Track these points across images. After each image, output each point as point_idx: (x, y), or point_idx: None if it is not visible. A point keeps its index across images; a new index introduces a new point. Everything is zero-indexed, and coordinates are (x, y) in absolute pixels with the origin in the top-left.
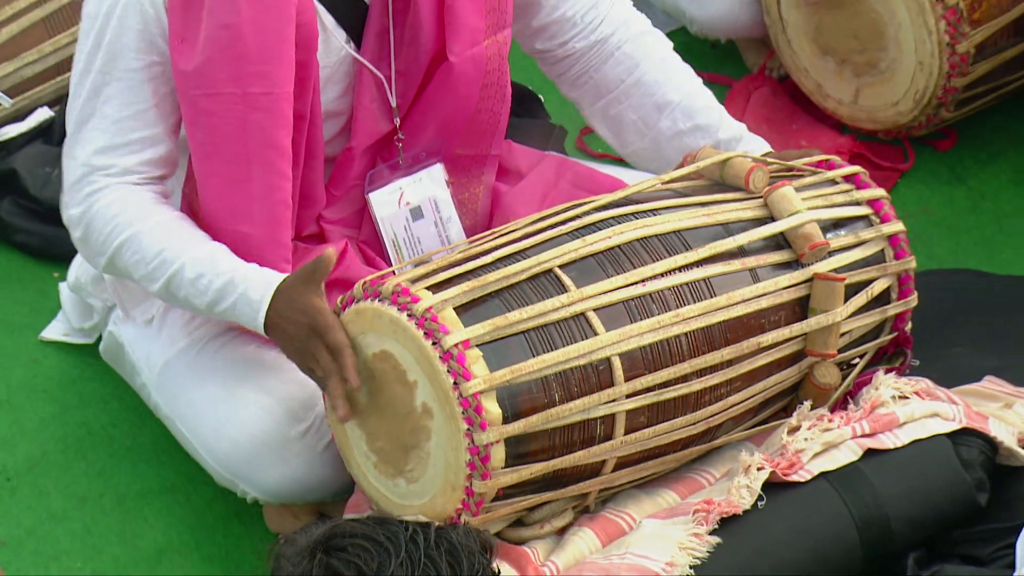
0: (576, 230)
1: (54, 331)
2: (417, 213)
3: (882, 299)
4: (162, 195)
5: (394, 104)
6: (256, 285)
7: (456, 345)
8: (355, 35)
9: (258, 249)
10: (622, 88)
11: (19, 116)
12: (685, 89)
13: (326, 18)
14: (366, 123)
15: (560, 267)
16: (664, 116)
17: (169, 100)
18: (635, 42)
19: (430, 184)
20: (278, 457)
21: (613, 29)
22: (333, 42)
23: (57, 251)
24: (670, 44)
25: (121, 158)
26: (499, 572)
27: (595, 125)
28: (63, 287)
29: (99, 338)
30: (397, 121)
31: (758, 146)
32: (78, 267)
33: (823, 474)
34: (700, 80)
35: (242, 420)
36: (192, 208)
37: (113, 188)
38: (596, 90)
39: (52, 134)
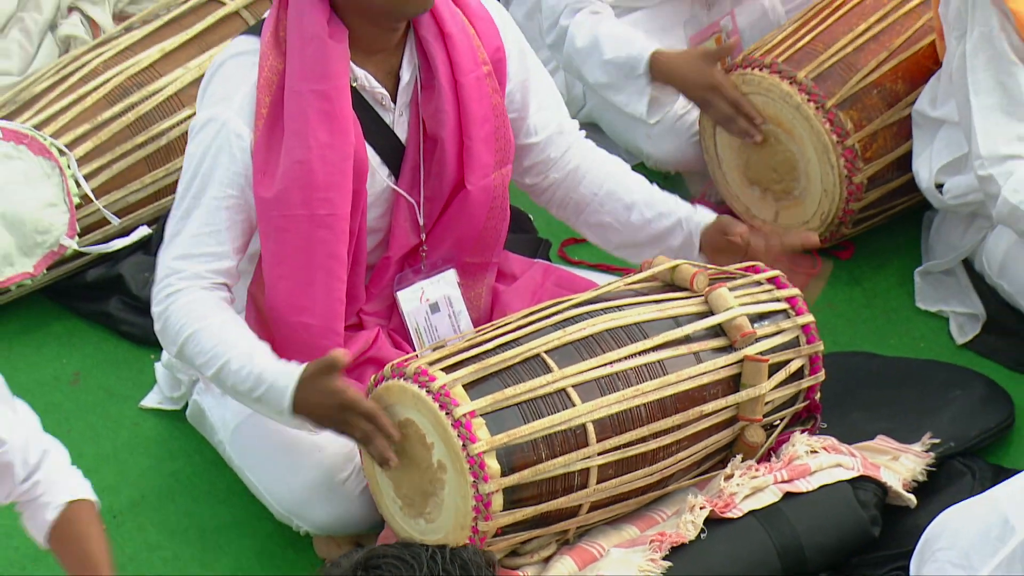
0: (558, 323)
1: (151, 400)
2: (435, 308)
3: (797, 375)
4: (225, 300)
5: (422, 223)
6: (281, 376)
7: (464, 415)
8: (394, 170)
9: (318, 336)
10: (596, 200)
11: (125, 232)
12: (641, 189)
13: (373, 157)
14: (400, 238)
15: (546, 352)
16: (633, 212)
17: (238, 227)
18: (598, 167)
19: (445, 285)
20: (325, 499)
21: (580, 160)
22: (378, 176)
23: (154, 338)
24: (625, 163)
25: (193, 265)
26: None
27: (584, 233)
28: (158, 366)
29: (186, 405)
30: (423, 236)
31: (708, 213)
32: None
33: (751, 512)
34: (643, 178)
35: (297, 470)
36: (256, 305)
37: (186, 292)
38: (577, 207)
39: (151, 246)
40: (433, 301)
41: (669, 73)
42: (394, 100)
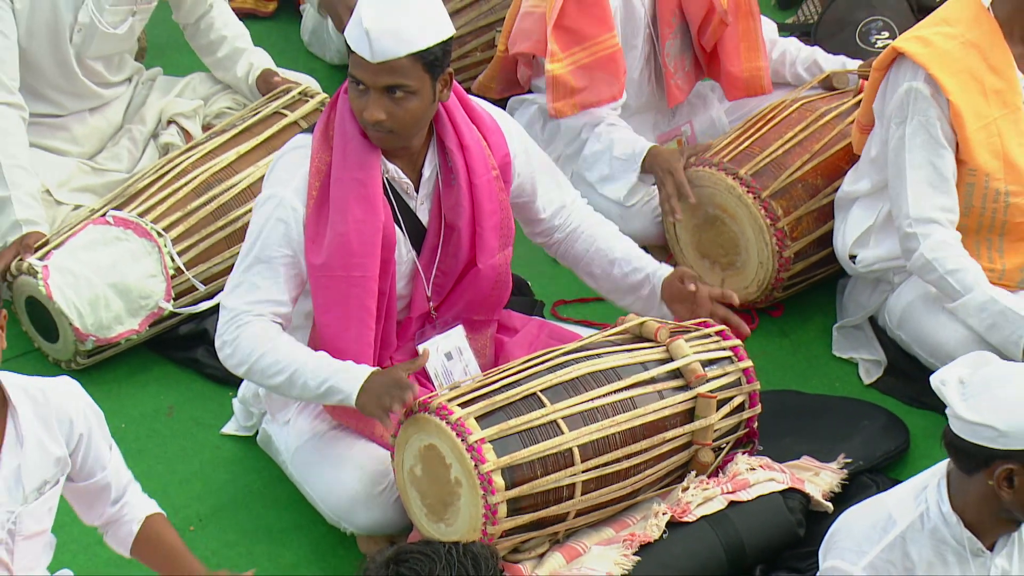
0: (550, 367)
1: (229, 428)
2: (449, 356)
3: (739, 409)
4: (283, 327)
5: (429, 294)
6: (359, 367)
7: (476, 441)
8: (416, 247)
9: None
10: (588, 255)
11: (209, 296)
12: (624, 247)
13: (401, 235)
14: (418, 302)
15: (540, 391)
16: (615, 267)
17: (292, 281)
18: (592, 227)
19: (457, 338)
20: (366, 507)
21: (579, 222)
22: (404, 250)
23: (232, 380)
24: (614, 225)
25: (258, 307)
26: (504, 573)
27: (584, 279)
28: (235, 401)
29: (256, 432)
30: (431, 305)
31: (667, 268)
32: (244, 389)
33: (703, 517)
34: (629, 239)
35: (344, 484)
36: (315, 346)
37: (253, 323)
38: (575, 259)
39: None
40: (447, 351)
41: (653, 159)
42: (416, 190)
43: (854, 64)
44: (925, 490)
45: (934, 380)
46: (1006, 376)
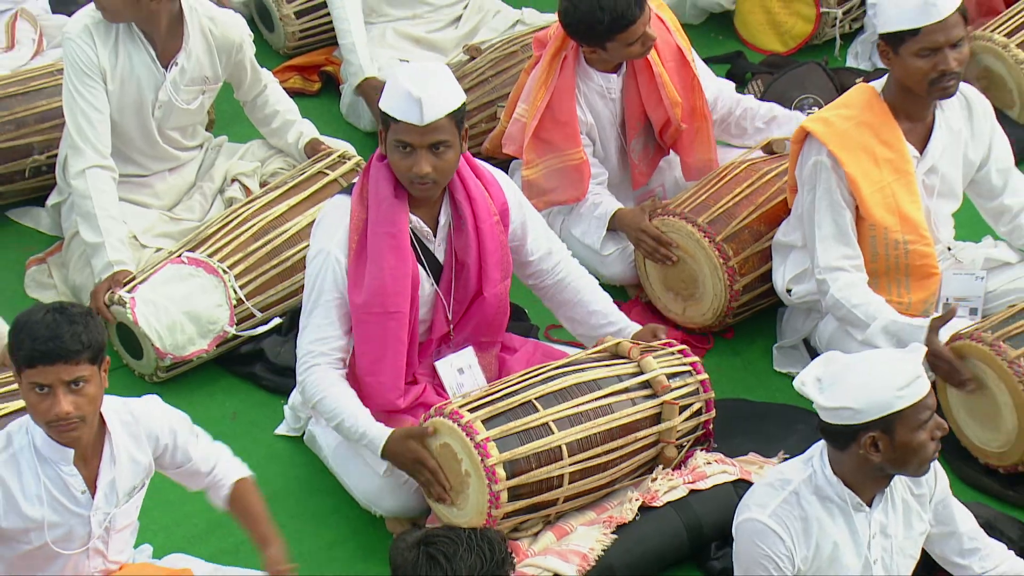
0: (543, 379)
1: (281, 429)
2: (460, 371)
3: (698, 413)
4: (340, 374)
5: (450, 317)
6: (377, 436)
7: (482, 440)
8: (436, 281)
9: (387, 390)
10: (570, 303)
11: (264, 322)
12: (602, 303)
13: (423, 273)
14: (438, 325)
15: (535, 399)
16: (593, 317)
17: (344, 318)
18: (578, 279)
19: (467, 357)
20: (392, 494)
21: (566, 274)
22: (427, 285)
23: (283, 389)
24: (595, 280)
25: (320, 346)
26: (511, 554)
27: (561, 321)
28: (286, 408)
29: (303, 433)
30: (451, 327)
31: (632, 326)
32: (293, 397)
33: (669, 503)
34: (607, 295)
35: (374, 475)
36: (352, 370)
37: (317, 369)
38: (559, 305)
39: (281, 330)
40: (459, 367)
41: (620, 222)
42: (434, 235)
43: (789, 132)
44: (812, 459)
45: (796, 383)
46: (851, 366)
